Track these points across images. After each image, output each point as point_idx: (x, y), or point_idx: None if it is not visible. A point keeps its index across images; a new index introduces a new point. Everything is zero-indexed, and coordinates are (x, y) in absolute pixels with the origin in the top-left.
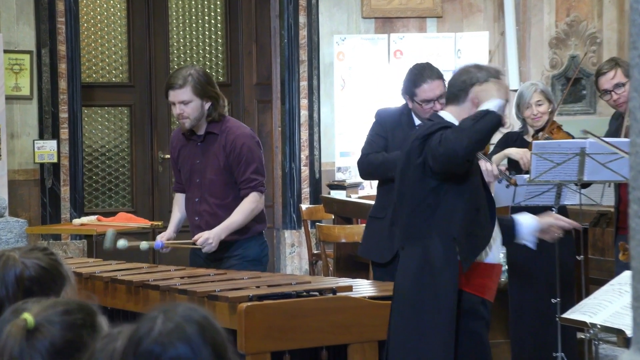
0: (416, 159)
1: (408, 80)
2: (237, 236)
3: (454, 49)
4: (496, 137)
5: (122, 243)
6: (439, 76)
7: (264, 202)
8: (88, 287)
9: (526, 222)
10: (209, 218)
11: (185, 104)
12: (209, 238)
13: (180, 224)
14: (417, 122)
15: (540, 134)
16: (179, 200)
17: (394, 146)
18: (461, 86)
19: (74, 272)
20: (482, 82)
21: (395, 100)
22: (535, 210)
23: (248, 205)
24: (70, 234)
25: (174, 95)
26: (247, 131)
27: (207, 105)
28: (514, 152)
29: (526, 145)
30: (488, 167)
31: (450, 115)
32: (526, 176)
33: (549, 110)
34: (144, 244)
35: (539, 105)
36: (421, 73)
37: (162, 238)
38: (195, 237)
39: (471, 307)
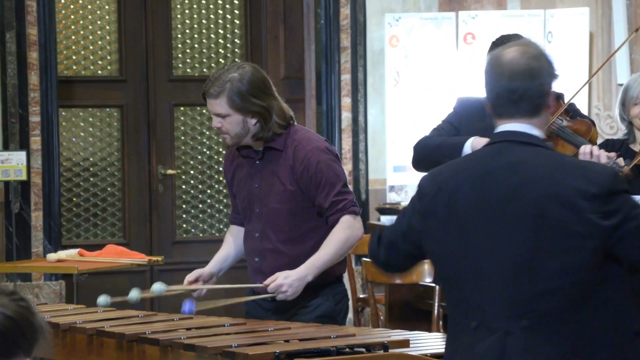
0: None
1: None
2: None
3: (543, 31)
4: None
5: (134, 294)
6: None
7: (362, 227)
8: (67, 342)
9: None
10: (273, 259)
11: (222, 117)
12: (282, 285)
13: (227, 261)
14: None
15: None
16: (233, 232)
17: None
18: (541, 92)
19: (48, 323)
20: (555, 79)
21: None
22: None
23: (340, 234)
24: (43, 272)
25: (210, 105)
26: (321, 144)
27: (253, 121)
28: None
29: (633, 155)
30: (594, 151)
31: (536, 129)
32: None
33: None
34: (133, 294)
35: None
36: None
37: (192, 280)
38: (267, 281)
39: None
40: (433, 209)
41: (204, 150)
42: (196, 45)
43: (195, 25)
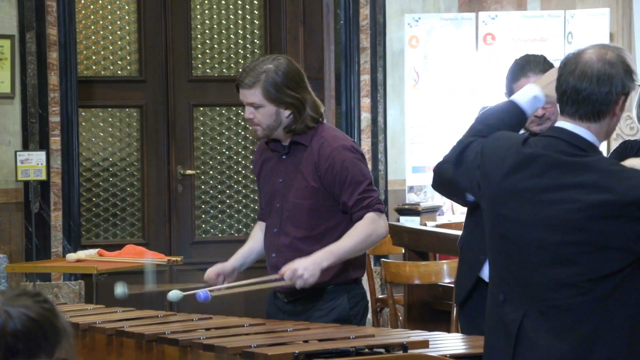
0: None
1: (508, 74)
2: (323, 282)
3: (563, 32)
4: (611, 146)
5: (120, 290)
6: (545, 70)
7: (387, 226)
8: (86, 342)
9: None
10: (291, 256)
11: (255, 107)
12: (297, 269)
13: (251, 256)
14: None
15: None
16: (260, 228)
17: None
18: (606, 99)
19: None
20: (630, 89)
21: (485, 98)
22: None
23: (364, 228)
24: (62, 272)
25: (243, 95)
26: (348, 143)
27: (286, 113)
28: (638, 163)
29: None
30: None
31: (590, 134)
32: None
33: None
34: (119, 290)
35: None
36: (523, 66)
37: (212, 275)
38: (282, 270)
39: None
40: (487, 176)
41: (223, 150)
42: (215, 46)
43: (215, 26)
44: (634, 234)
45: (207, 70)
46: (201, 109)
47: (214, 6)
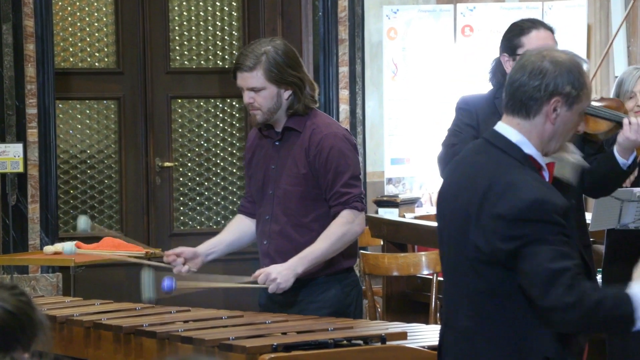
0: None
1: (509, 33)
2: (314, 273)
3: None
4: None
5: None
6: (551, 29)
7: (363, 224)
8: (64, 335)
9: None
10: (281, 242)
11: (255, 91)
12: (271, 273)
13: (217, 247)
14: None
15: None
16: (237, 220)
17: None
18: (533, 93)
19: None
20: (566, 92)
21: (464, 89)
22: None
23: (338, 229)
24: (40, 265)
25: (242, 79)
26: (340, 131)
27: (287, 94)
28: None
29: None
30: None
31: (515, 131)
32: (636, 190)
33: None
34: (82, 222)
35: None
36: (527, 22)
37: (171, 254)
38: (257, 272)
39: None
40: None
41: (202, 142)
42: (193, 38)
43: (193, 18)
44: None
45: (185, 62)
46: (179, 101)
47: None
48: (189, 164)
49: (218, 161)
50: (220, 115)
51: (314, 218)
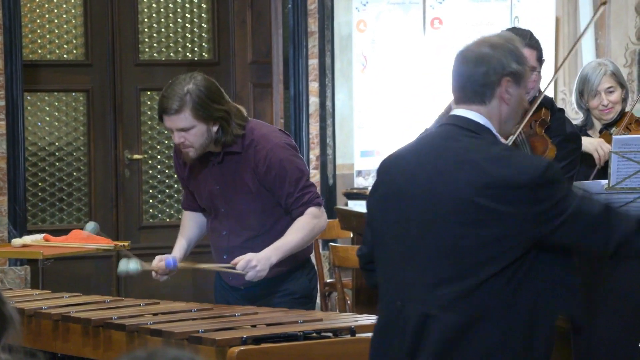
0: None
1: None
2: (280, 266)
3: (509, 17)
4: None
5: (133, 266)
6: (531, 45)
7: (326, 218)
8: (32, 328)
9: None
10: (244, 253)
11: (185, 130)
12: (251, 260)
13: (190, 247)
14: None
15: (614, 129)
16: (189, 217)
17: None
18: (484, 80)
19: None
20: (513, 71)
21: (433, 82)
22: None
23: (307, 223)
24: (8, 258)
25: (171, 122)
26: (281, 140)
27: (215, 128)
28: (586, 142)
29: None
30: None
31: (480, 116)
32: (603, 182)
33: (622, 98)
34: (131, 266)
35: (610, 92)
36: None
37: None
38: (235, 260)
39: None
40: (376, 187)
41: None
42: (163, 30)
43: (162, 9)
44: (519, 216)
45: (154, 54)
46: (148, 93)
47: None
48: (158, 157)
49: None
50: None
51: (272, 224)
